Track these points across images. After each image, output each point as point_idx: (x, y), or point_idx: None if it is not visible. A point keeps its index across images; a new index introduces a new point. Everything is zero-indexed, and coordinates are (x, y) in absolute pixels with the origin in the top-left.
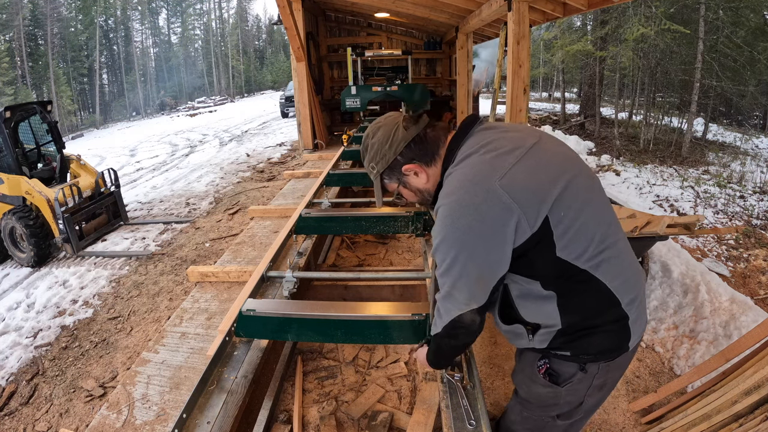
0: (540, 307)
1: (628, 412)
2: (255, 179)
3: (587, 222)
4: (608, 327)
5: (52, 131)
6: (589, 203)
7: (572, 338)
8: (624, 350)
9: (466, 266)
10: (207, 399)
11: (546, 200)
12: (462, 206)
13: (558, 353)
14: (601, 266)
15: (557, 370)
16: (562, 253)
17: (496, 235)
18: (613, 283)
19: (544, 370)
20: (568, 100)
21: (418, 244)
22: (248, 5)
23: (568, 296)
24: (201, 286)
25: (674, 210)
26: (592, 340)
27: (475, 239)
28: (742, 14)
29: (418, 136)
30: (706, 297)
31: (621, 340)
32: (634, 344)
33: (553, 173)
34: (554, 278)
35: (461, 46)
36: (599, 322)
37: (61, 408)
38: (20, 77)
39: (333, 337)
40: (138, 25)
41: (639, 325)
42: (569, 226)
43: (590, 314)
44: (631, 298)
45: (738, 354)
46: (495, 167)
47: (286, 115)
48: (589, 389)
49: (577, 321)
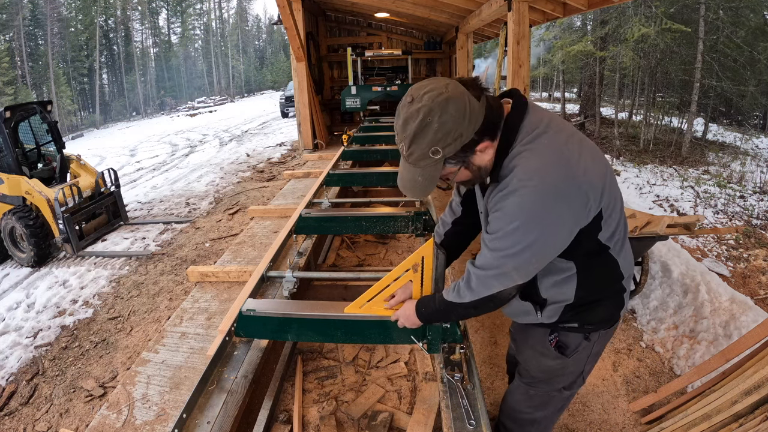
0: (561, 283)
1: (628, 412)
2: (255, 179)
3: (618, 206)
4: (609, 299)
5: (52, 131)
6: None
7: (579, 311)
8: (617, 319)
9: (542, 250)
10: (207, 399)
11: (605, 188)
12: (548, 191)
13: (566, 326)
14: (617, 246)
15: (565, 342)
16: (602, 235)
17: (577, 220)
18: (623, 261)
19: (555, 344)
20: (568, 100)
21: (418, 244)
22: (248, 5)
23: (587, 273)
24: (201, 286)
25: (674, 210)
26: (597, 311)
27: (558, 224)
28: (742, 14)
29: (487, 112)
30: (706, 297)
31: (617, 310)
32: (623, 313)
33: (603, 162)
34: (587, 258)
35: (461, 46)
36: (603, 295)
37: (61, 408)
38: (20, 77)
39: (333, 337)
40: (138, 25)
41: (628, 295)
42: (612, 211)
43: (599, 289)
44: (629, 273)
45: (738, 354)
46: (571, 151)
47: (286, 115)
48: (589, 357)
49: (585, 295)
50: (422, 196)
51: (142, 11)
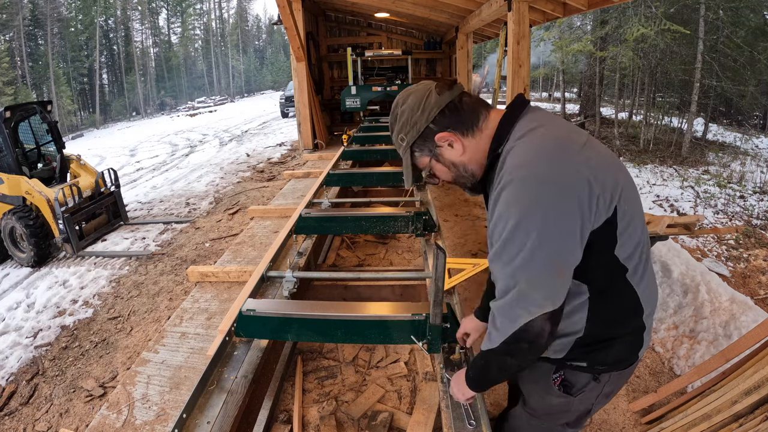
0: (571, 312)
1: (628, 412)
2: (255, 179)
3: (639, 223)
4: (626, 338)
5: (52, 131)
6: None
7: (590, 349)
8: (635, 360)
9: (552, 250)
10: (207, 399)
11: (617, 187)
12: (542, 181)
13: (574, 364)
14: (638, 271)
15: (571, 381)
16: (619, 251)
17: (583, 213)
18: (643, 292)
19: (560, 382)
20: (568, 100)
21: (418, 244)
22: (248, 5)
23: (600, 303)
24: (201, 286)
25: (674, 210)
26: (610, 351)
27: (562, 215)
28: (742, 14)
29: (452, 102)
30: (706, 297)
31: (634, 350)
32: (643, 354)
33: (616, 164)
34: (602, 280)
35: (461, 46)
36: (619, 332)
37: (61, 408)
38: (20, 77)
39: (333, 337)
40: (138, 25)
41: (649, 334)
42: (629, 223)
43: (614, 324)
44: (651, 309)
45: (738, 354)
46: (571, 141)
47: (286, 115)
48: (599, 397)
49: (598, 331)
50: (406, 183)
51: (142, 11)
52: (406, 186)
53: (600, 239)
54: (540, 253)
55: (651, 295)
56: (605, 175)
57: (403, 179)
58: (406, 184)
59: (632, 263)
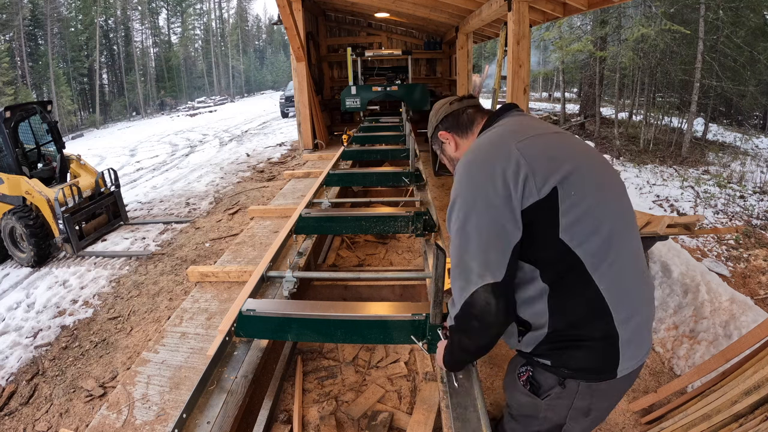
0: (533, 301)
1: (628, 412)
2: (255, 179)
3: (598, 211)
4: (594, 343)
5: (52, 131)
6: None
7: (555, 346)
8: (609, 375)
9: (479, 222)
10: (207, 399)
11: (557, 170)
12: (476, 162)
13: (540, 361)
14: (601, 267)
15: (538, 380)
16: (565, 234)
17: (506, 189)
18: (608, 290)
19: (526, 377)
20: (568, 100)
21: (418, 244)
22: (248, 5)
23: (560, 294)
24: (201, 286)
25: (674, 210)
26: (575, 353)
27: (487, 192)
28: (742, 14)
29: (456, 111)
30: (706, 297)
31: (606, 362)
32: (625, 372)
33: (570, 153)
34: (552, 266)
35: (461, 46)
36: (585, 334)
37: (61, 408)
38: (20, 77)
39: (333, 337)
40: (138, 25)
41: (633, 350)
42: (576, 205)
43: (577, 321)
44: (626, 315)
45: (738, 354)
46: (517, 133)
47: (286, 115)
48: (571, 410)
49: (563, 327)
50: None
51: (142, 11)
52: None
53: (539, 220)
54: (470, 225)
55: (625, 298)
56: (543, 160)
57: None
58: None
59: (591, 257)
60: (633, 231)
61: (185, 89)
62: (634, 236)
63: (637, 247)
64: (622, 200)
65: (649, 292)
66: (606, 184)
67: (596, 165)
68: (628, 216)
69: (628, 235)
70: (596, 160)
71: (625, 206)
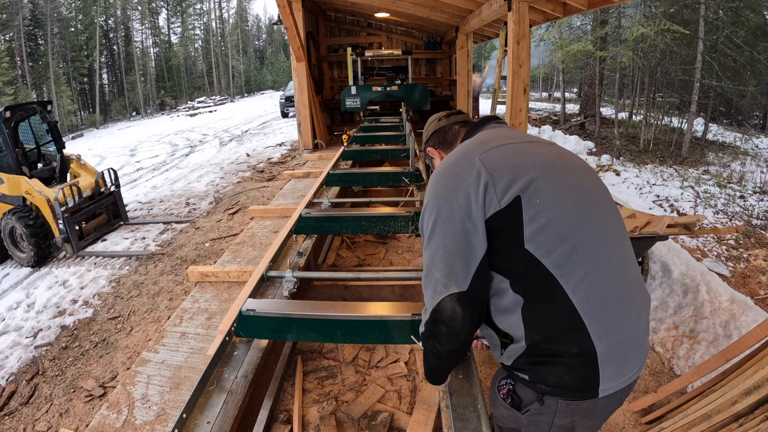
0: (508, 312)
1: (628, 412)
2: (255, 179)
3: (565, 221)
4: (571, 359)
5: (52, 131)
6: (578, 207)
7: (534, 361)
8: (590, 395)
9: (442, 233)
10: (207, 399)
11: (519, 178)
12: (443, 174)
13: (519, 375)
14: (573, 278)
15: (519, 394)
16: (530, 244)
17: (467, 200)
18: (582, 303)
19: (506, 390)
20: (568, 100)
21: (418, 244)
22: (248, 5)
23: (534, 305)
24: (201, 286)
25: (674, 210)
26: (552, 369)
27: (450, 204)
28: (742, 14)
29: (442, 128)
30: (706, 297)
31: (585, 380)
32: (609, 392)
33: (539, 161)
34: (521, 277)
35: (461, 46)
36: (561, 349)
37: (61, 408)
38: (20, 77)
39: (333, 337)
40: (138, 25)
41: (616, 368)
42: (540, 214)
43: (552, 336)
44: (603, 328)
45: (738, 354)
46: (484, 144)
47: (286, 115)
48: (553, 427)
49: (539, 341)
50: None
51: (142, 11)
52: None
53: (503, 229)
54: (436, 235)
55: (601, 310)
56: (505, 168)
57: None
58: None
59: (559, 268)
60: (614, 240)
61: (185, 89)
62: (616, 246)
63: (620, 257)
64: (600, 209)
65: (638, 305)
66: (579, 192)
67: (569, 173)
68: (608, 224)
69: (608, 245)
70: (571, 167)
71: (605, 214)
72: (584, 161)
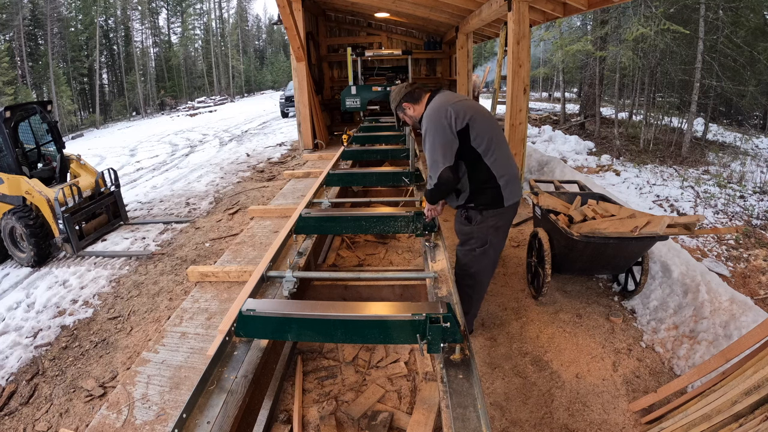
0: (462, 176)
1: (628, 412)
2: (255, 179)
3: (487, 132)
4: (491, 191)
5: (52, 131)
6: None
7: (474, 196)
8: (500, 205)
9: (437, 140)
10: (207, 399)
11: (467, 115)
12: (433, 115)
13: (468, 205)
14: (488, 156)
15: (470, 216)
16: (474, 143)
17: (446, 125)
18: (493, 166)
19: (464, 216)
20: (568, 100)
21: (418, 244)
22: (248, 5)
23: (472, 172)
24: (201, 286)
25: (674, 210)
26: (482, 197)
27: (438, 127)
28: (742, 14)
29: (410, 91)
30: (706, 297)
31: (497, 199)
32: (509, 203)
33: (475, 108)
34: (468, 159)
35: (461, 46)
36: (485, 187)
37: (61, 408)
38: (20, 77)
39: (333, 337)
40: (138, 25)
41: (510, 192)
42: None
43: (481, 182)
44: (501, 175)
45: (738, 354)
46: (450, 100)
47: (286, 115)
48: (489, 228)
49: (475, 187)
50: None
51: (142, 11)
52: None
53: (462, 138)
54: (435, 143)
55: (501, 169)
56: (462, 110)
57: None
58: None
59: (484, 152)
60: (505, 141)
61: (185, 89)
62: (506, 144)
63: (507, 146)
64: (500, 128)
65: (514, 166)
66: (490, 121)
67: (487, 114)
68: (502, 136)
69: (503, 143)
70: (487, 113)
71: (502, 132)
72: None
